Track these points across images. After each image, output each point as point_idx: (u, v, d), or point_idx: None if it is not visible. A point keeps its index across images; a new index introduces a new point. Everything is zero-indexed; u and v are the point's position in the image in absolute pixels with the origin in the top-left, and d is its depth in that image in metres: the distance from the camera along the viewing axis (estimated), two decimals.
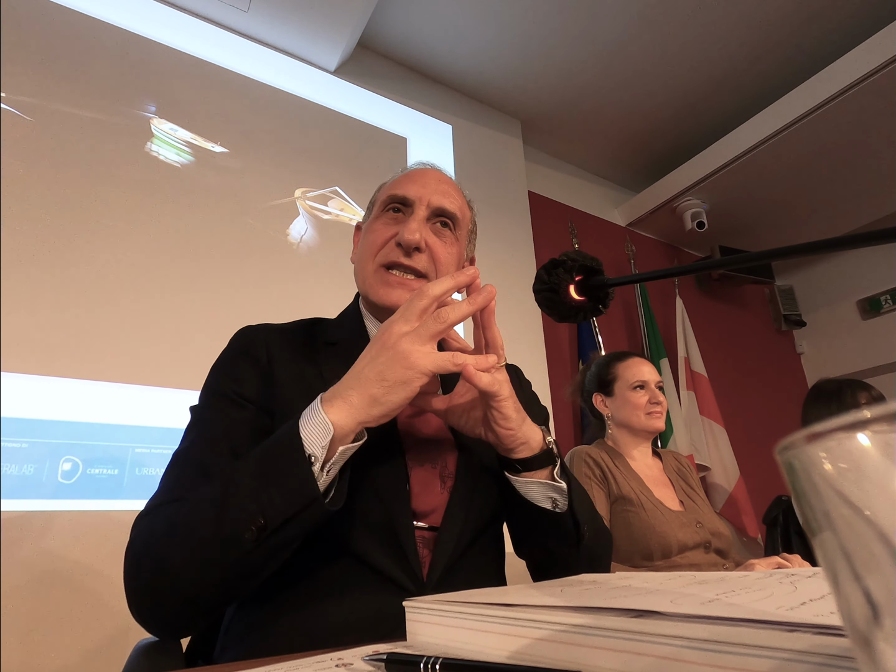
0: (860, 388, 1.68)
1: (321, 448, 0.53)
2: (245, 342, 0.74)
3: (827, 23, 2.55)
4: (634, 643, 0.27)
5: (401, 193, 0.78)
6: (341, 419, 0.54)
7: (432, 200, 0.77)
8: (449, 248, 0.78)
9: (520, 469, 0.65)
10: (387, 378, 0.55)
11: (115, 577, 0.58)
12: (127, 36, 1.98)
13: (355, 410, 0.55)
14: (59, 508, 1.45)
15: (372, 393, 0.55)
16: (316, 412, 0.55)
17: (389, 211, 0.79)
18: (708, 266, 1.16)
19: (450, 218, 0.79)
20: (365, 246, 0.79)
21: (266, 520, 0.51)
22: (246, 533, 0.51)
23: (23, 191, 1.63)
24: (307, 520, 0.53)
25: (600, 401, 1.60)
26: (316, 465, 0.53)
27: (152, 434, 1.62)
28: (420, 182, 0.79)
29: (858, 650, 0.14)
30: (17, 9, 1.78)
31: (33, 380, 1.50)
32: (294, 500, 0.52)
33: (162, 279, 1.77)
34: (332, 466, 0.55)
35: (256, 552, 0.52)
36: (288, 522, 0.52)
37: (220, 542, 0.52)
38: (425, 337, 0.56)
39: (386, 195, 0.80)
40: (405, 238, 0.73)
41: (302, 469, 0.53)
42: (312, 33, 2.25)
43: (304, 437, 0.54)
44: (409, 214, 0.77)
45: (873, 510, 0.13)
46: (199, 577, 0.53)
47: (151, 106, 1.96)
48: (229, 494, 0.54)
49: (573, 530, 0.67)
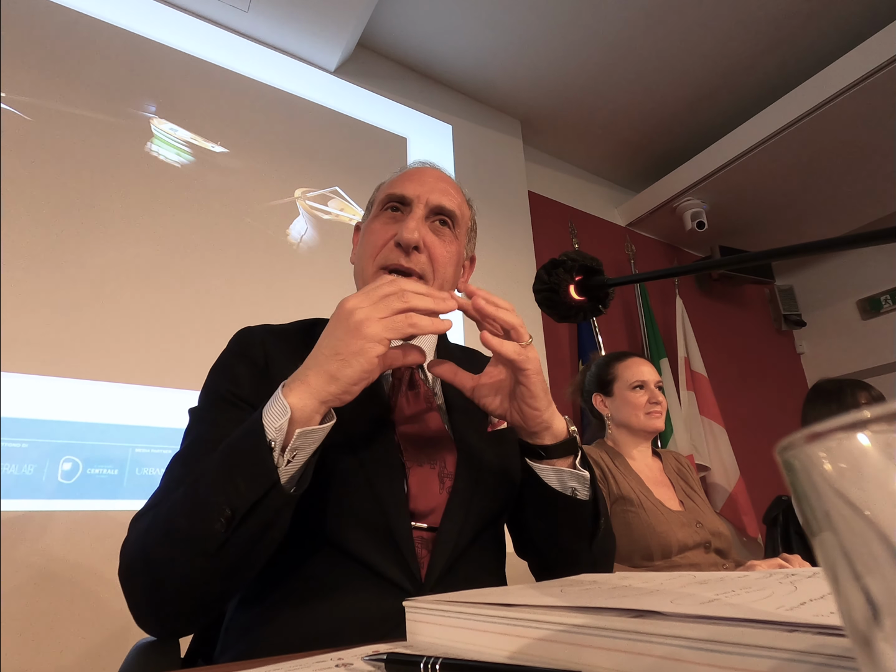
0: (860, 388, 1.68)
1: (276, 431, 0.52)
2: (243, 344, 0.74)
3: (827, 23, 2.55)
4: (634, 643, 0.27)
5: (399, 192, 0.77)
6: (299, 401, 0.53)
7: (431, 199, 0.76)
8: (448, 247, 0.77)
9: (543, 455, 0.65)
10: (340, 351, 0.54)
11: (114, 577, 0.58)
12: (127, 36, 1.98)
13: (313, 390, 0.54)
14: (59, 508, 1.45)
15: (328, 369, 0.54)
16: (276, 398, 0.54)
17: (388, 210, 0.78)
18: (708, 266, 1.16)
19: (448, 216, 0.78)
20: (364, 246, 0.79)
21: (232, 510, 0.51)
22: (216, 524, 0.51)
23: (23, 191, 1.63)
24: (271, 506, 0.52)
25: (600, 401, 1.60)
26: (276, 450, 0.52)
27: (152, 434, 1.62)
28: (418, 180, 0.79)
29: (858, 650, 0.14)
30: (17, 9, 1.78)
31: (33, 380, 1.50)
32: (255, 486, 0.51)
33: (162, 279, 1.77)
34: (298, 452, 0.54)
35: (231, 544, 0.52)
36: (253, 510, 0.51)
37: (196, 538, 0.52)
38: (383, 312, 0.54)
39: (384, 194, 0.80)
40: (404, 237, 0.72)
41: (261, 455, 0.52)
42: (312, 33, 2.25)
43: (266, 424, 0.53)
44: (408, 213, 0.76)
45: (873, 510, 0.13)
46: (182, 574, 0.53)
47: (151, 106, 1.96)
48: (198, 490, 0.54)
49: (591, 521, 0.67)
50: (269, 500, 0.52)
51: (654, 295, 3.28)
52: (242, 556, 0.54)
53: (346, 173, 2.32)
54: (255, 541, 0.54)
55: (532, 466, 0.66)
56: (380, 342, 0.53)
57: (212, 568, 0.53)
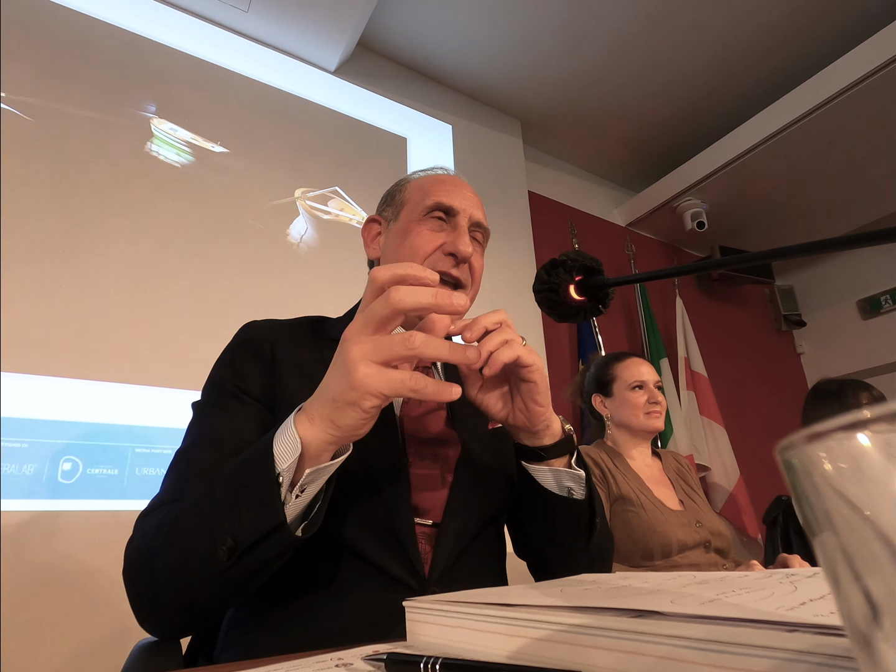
0: (862, 388, 1.68)
1: (286, 469, 0.49)
2: (249, 337, 0.74)
3: (826, 23, 2.55)
4: (634, 643, 0.27)
5: (447, 203, 0.79)
6: (308, 436, 0.50)
7: (474, 214, 0.80)
8: (481, 260, 0.82)
9: (543, 457, 0.64)
10: (336, 398, 0.48)
11: (115, 576, 0.58)
12: (127, 36, 1.98)
13: (318, 430, 0.50)
14: (59, 508, 1.45)
15: (327, 413, 0.49)
16: (288, 427, 0.50)
17: (434, 218, 0.79)
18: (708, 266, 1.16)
19: (483, 232, 0.83)
20: (409, 248, 0.77)
21: (236, 541, 0.49)
22: (219, 551, 0.49)
23: (22, 191, 1.63)
24: (275, 545, 0.50)
25: (599, 401, 1.60)
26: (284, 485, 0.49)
27: (152, 434, 1.62)
28: (460, 193, 0.81)
29: (858, 650, 0.14)
30: (17, 9, 1.78)
31: (33, 380, 1.50)
32: (259, 524, 0.49)
33: (162, 279, 1.77)
34: (307, 487, 0.51)
35: (234, 570, 0.50)
36: (259, 544, 0.49)
37: (200, 556, 0.51)
38: (382, 355, 0.47)
39: (432, 201, 0.79)
40: (462, 251, 0.75)
41: (269, 491, 0.49)
42: (312, 33, 2.25)
43: (277, 454, 0.50)
44: (453, 224, 0.79)
45: (873, 510, 0.13)
46: (184, 584, 0.52)
47: (151, 106, 1.96)
48: (207, 506, 0.52)
49: (587, 520, 0.67)
50: (273, 539, 0.50)
51: (654, 295, 3.28)
52: (244, 580, 0.53)
53: (346, 173, 2.32)
54: (258, 570, 0.52)
55: (528, 469, 0.66)
56: (375, 395, 0.47)
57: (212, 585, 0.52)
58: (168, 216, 1.86)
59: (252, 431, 0.66)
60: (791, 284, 4.10)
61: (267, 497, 0.49)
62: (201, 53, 2.12)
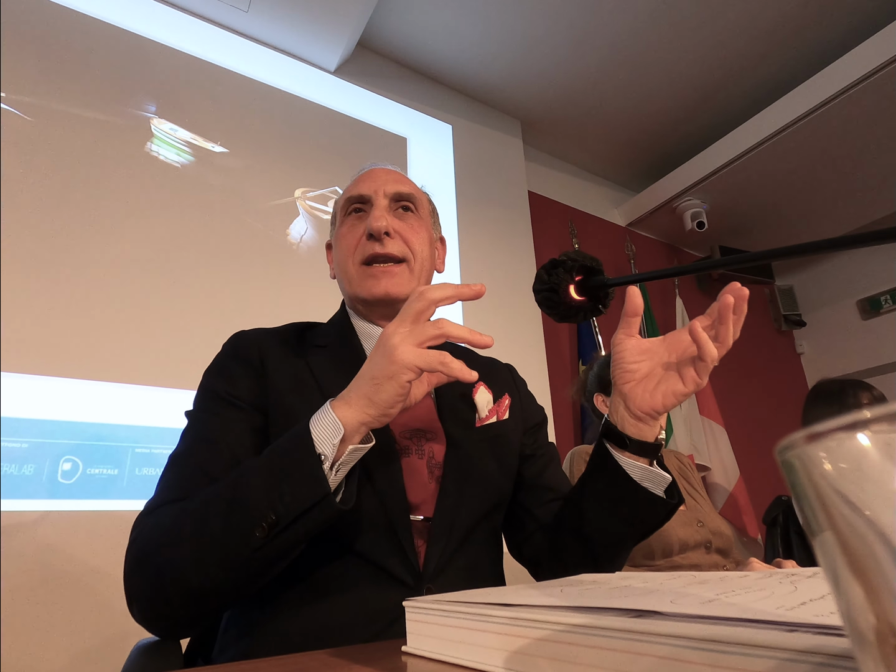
0: (862, 389, 1.68)
1: (332, 446, 0.54)
2: (238, 346, 0.75)
3: (826, 23, 2.55)
4: (634, 643, 0.27)
5: (356, 193, 0.81)
6: (346, 416, 0.55)
7: (387, 189, 0.81)
8: (417, 230, 0.81)
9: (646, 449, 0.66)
10: (375, 375, 0.56)
11: (115, 576, 0.58)
12: (127, 36, 1.98)
13: (354, 411, 0.56)
14: (59, 508, 1.45)
15: (366, 392, 0.56)
16: (326, 413, 0.56)
17: (351, 214, 0.81)
18: (708, 266, 1.16)
19: (408, 199, 0.82)
20: (340, 252, 0.81)
21: (277, 516, 0.52)
22: (257, 530, 0.52)
23: (23, 191, 1.63)
24: (318, 517, 0.54)
25: (601, 401, 1.60)
26: (326, 463, 0.54)
27: (152, 434, 1.62)
28: (371, 178, 0.83)
29: (858, 650, 0.14)
30: (18, 9, 1.78)
31: (33, 380, 1.50)
32: (305, 495, 0.53)
33: (162, 279, 1.77)
34: (342, 466, 0.55)
35: (265, 550, 0.53)
36: (299, 519, 0.53)
37: (231, 540, 0.53)
38: (418, 338, 0.55)
39: (343, 200, 0.84)
40: (373, 226, 0.75)
41: (313, 466, 0.53)
42: (312, 33, 2.25)
43: (315, 437, 0.54)
44: (370, 209, 0.79)
45: (873, 510, 0.13)
46: (206, 575, 0.53)
47: (151, 106, 1.96)
48: (240, 492, 0.54)
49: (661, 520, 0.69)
50: (317, 510, 0.53)
51: (654, 295, 3.28)
52: (269, 564, 0.55)
53: (346, 173, 2.31)
54: (288, 550, 0.55)
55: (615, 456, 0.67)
56: (410, 369, 0.54)
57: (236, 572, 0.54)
58: (168, 216, 1.86)
59: (246, 434, 0.66)
60: (791, 284, 4.10)
61: (312, 472, 0.53)
62: (201, 53, 2.12)
